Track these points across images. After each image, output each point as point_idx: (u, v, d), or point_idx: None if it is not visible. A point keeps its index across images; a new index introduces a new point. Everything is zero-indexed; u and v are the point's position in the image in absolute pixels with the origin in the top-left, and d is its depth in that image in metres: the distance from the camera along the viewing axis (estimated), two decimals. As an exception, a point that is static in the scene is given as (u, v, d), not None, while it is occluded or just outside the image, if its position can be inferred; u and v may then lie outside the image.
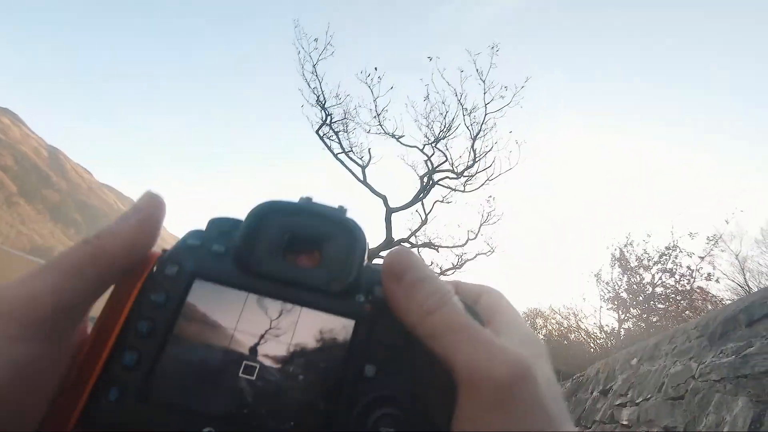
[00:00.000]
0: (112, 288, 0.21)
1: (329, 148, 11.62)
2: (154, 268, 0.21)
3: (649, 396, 3.36)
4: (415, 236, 12.67)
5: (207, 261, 0.22)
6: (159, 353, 0.20)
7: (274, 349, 0.21)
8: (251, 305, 0.22)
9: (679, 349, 3.31)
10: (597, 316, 14.84)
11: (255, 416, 0.20)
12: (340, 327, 0.22)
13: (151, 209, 0.22)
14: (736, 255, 16.01)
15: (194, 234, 0.23)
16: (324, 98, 11.27)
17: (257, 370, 0.21)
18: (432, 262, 13.70)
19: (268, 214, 0.23)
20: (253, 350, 0.21)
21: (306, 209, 0.23)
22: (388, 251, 0.23)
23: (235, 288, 0.21)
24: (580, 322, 15.91)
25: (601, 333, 14.17)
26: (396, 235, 12.23)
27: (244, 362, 0.21)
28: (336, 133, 11.58)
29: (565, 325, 17.72)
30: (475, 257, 13.36)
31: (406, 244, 12.77)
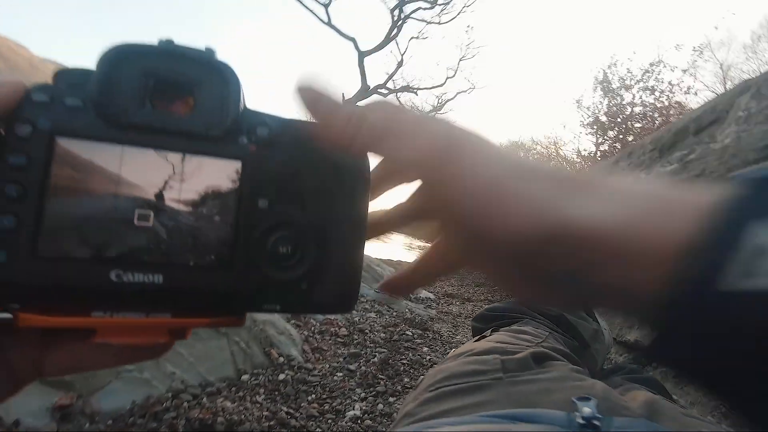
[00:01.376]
0: None
1: (283, -15, 10.19)
2: (2, 131, 0.20)
3: (602, 208, 3.69)
4: (393, 80, 12.12)
5: (64, 116, 0.20)
6: (39, 212, 0.20)
7: (163, 199, 0.21)
8: (128, 159, 0.21)
9: (633, 163, 3.52)
10: (576, 142, 15.31)
11: (155, 257, 0.21)
12: (228, 169, 0.22)
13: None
14: (721, 64, 15.72)
15: (40, 88, 0.21)
16: None
17: (151, 216, 0.21)
18: (412, 106, 13.43)
19: (124, 58, 0.21)
20: (143, 200, 0.21)
21: (169, 51, 0.22)
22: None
23: (105, 142, 0.21)
24: (559, 150, 16.49)
25: (578, 158, 14.80)
26: (372, 82, 11.67)
27: (137, 210, 0.21)
28: (288, -34, 10.02)
29: (546, 155, 18.40)
30: (455, 96, 13.07)
31: (383, 90, 12.26)
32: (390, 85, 12.23)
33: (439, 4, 10.95)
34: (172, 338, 0.22)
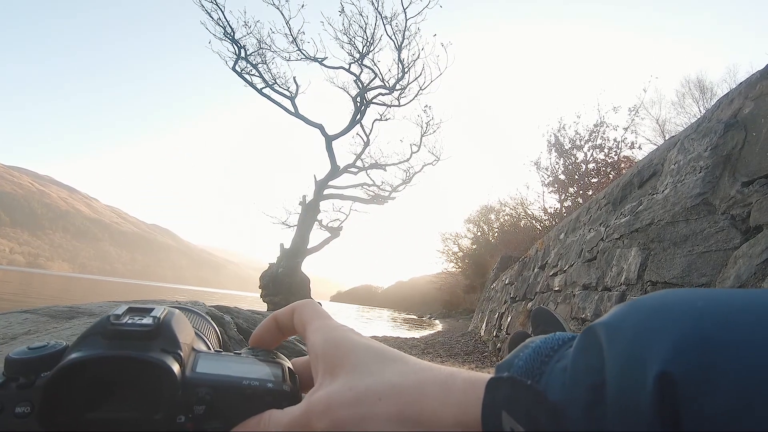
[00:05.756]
0: None
1: (251, 84, 10.90)
2: None
3: (572, 263, 3.84)
4: (361, 159, 12.70)
5: (13, 425, 0.22)
6: None
7: None
8: None
9: (592, 217, 3.74)
10: (541, 201, 16.04)
11: None
12: None
13: None
14: (657, 120, 17.43)
15: None
16: (232, 29, 10.34)
17: None
18: (382, 182, 13.98)
19: (69, 369, 0.22)
20: None
21: (109, 357, 0.23)
22: None
23: None
24: (526, 210, 17.19)
25: (545, 215, 15.42)
26: (341, 162, 12.20)
27: None
28: (255, 66, 10.83)
29: (515, 215, 19.13)
30: (422, 169, 13.74)
31: (353, 169, 12.79)
32: (359, 163, 12.77)
33: (397, 89, 11.90)
34: None
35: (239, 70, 10.82)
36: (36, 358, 0.23)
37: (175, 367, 0.24)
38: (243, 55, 10.69)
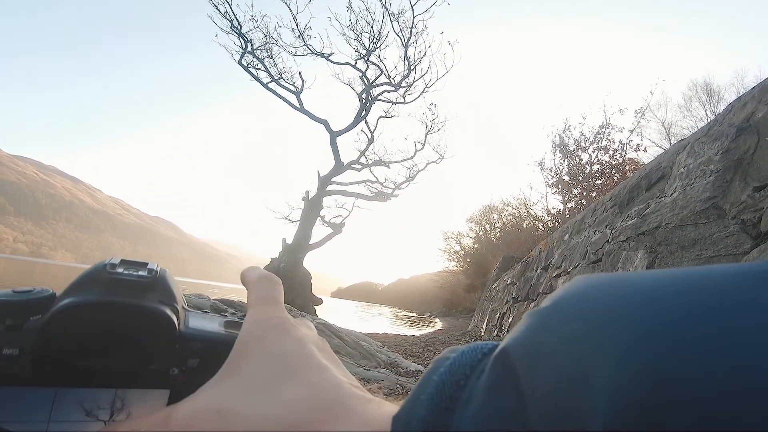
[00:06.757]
0: None
1: (257, 78, 10.87)
2: None
3: (577, 264, 3.83)
4: (365, 156, 12.68)
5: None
6: None
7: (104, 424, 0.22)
8: (62, 399, 0.22)
9: (598, 219, 3.73)
10: (544, 202, 16.03)
11: None
12: (157, 398, 0.24)
13: None
14: (662, 122, 17.35)
15: None
16: (239, 22, 10.31)
17: None
18: (386, 179, 13.96)
19: (69, 314, 0.22)
20: None
21: (111, 303, 0.23)
22: None
23: (35, 387, 0.22)
24: (529, 210, 17.17)
25: (548, 216, 15.39)
26: (345, 158, 12.19)
27: None
28: (261, 61, 10.80)
29: (517, 215, 19.12)
30: (426, 167, 13.71)
31: (357, 165, 12.77)
32: (362, 160, 12.77)
33: (402, 87, 11.87)
34: None
35: (245, 64, 10.82)
36: (24, 301, 0.23)
37: (174, 319, 0.24)
38: (249, 49, 10.69)
